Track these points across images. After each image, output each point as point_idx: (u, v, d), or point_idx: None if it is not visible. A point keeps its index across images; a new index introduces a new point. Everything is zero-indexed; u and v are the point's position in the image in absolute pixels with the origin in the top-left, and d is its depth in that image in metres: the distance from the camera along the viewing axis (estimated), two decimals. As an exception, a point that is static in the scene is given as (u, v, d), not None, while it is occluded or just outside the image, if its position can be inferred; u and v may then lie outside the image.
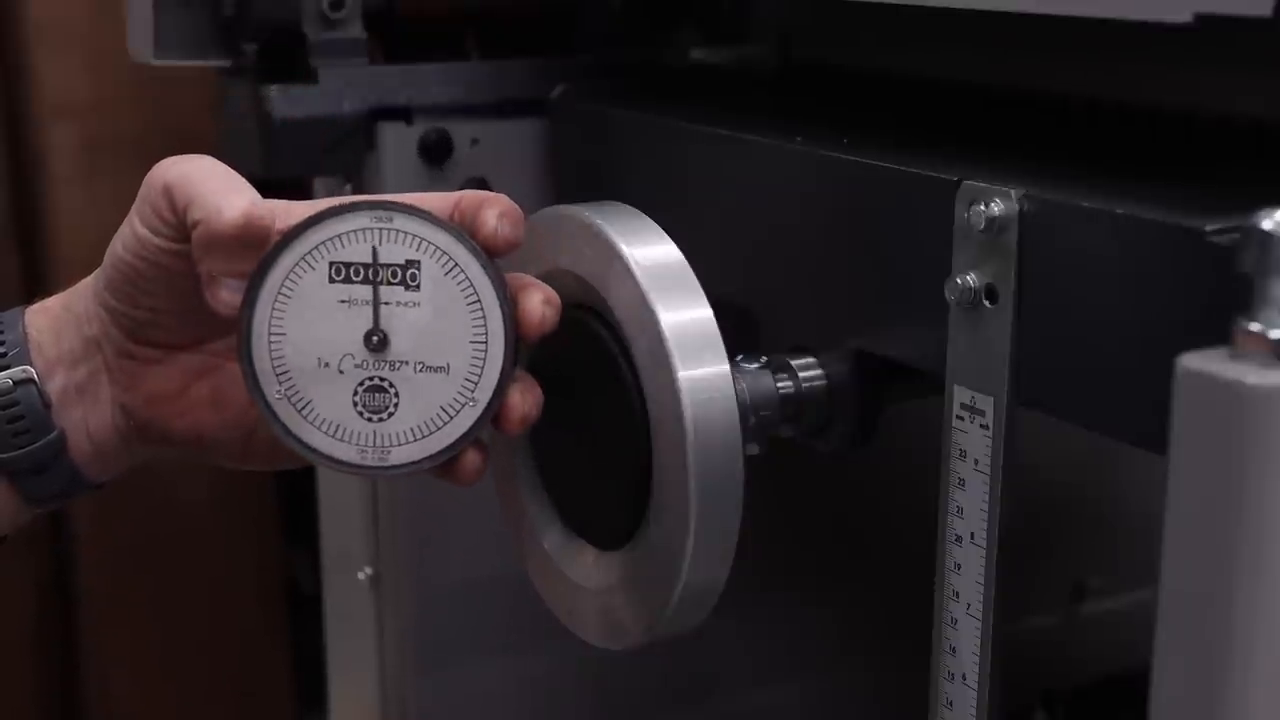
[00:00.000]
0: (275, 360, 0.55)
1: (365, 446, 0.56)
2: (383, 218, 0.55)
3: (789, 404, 0.66)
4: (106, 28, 1.15)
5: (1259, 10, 0.46)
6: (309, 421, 0.56)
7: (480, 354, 0.55)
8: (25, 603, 1.38)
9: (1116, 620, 1.10)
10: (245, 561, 1.41)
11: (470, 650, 0.93)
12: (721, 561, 0.58)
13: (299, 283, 0.55)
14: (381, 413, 0.56)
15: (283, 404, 0.56)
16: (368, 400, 0.56)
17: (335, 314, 0.55)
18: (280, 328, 0.55)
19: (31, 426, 0.59)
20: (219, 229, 0.54)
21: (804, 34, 0.91)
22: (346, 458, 0.56)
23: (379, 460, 0.56)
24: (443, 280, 0.55)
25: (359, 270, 0.55)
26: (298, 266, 0.55)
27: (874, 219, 0.63)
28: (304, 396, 0.56)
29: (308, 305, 0.55)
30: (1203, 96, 0.65)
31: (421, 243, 0.55)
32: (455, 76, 0.87)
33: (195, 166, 0.57)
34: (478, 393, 0.55)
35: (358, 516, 0.94)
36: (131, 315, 0.59)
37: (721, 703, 1.01)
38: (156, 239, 0.57)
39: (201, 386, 0.61)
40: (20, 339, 0.59)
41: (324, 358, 0.56)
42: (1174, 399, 0.43)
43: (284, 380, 0.56)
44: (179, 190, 0.56)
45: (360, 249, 0.55)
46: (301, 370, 0.56)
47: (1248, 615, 0.42)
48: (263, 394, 0.56)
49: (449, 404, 0.55)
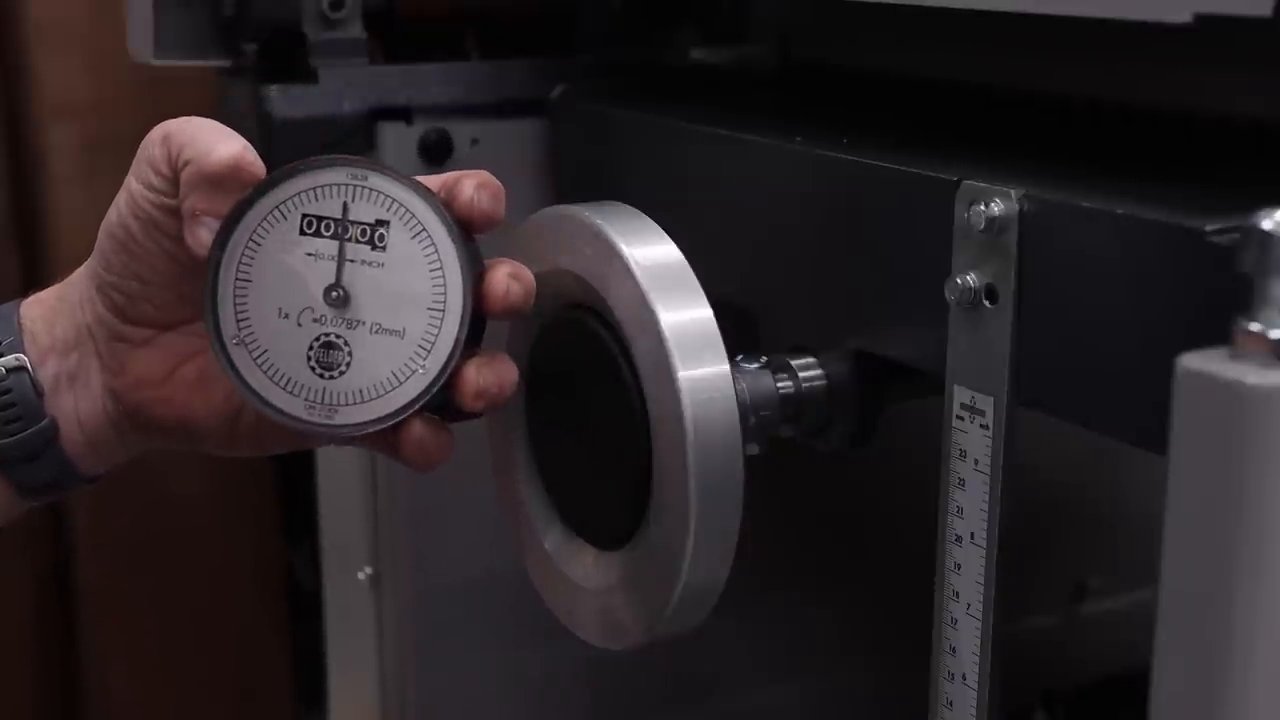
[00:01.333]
0: (238, 305, 0.55)
1: (313, 402, 0.55)
2: (358, 175, 0.55)
3: (789, 404, 0.66)
4: (106, 28, 1.15)
5: (1259, 10, 0.46)
6: (262, 370, 0.56)
7: (436, 322, 0.55)
8: (24, 599, 1.38)
9: (1116, 620, 1.10)
10: (245, 558, 1.40)
11: (470, 649, 0.93)
12: (721, 561, 0.58)
13: (270, 231, 0.55)
14: (333, 370, 0.55)
15: (239, 349, 0.56)
16: (321, 356, 0.55)
17: (301, 266, 0.55)
18: (247, 275, 0.55)
19: (24, 414, 0.59)
20: (207, 166, 0.55)
21: (804, 34, 0.91)
22: (293, 410, 0.56)
23: (325, 418, 0.55)
24: (409, 243, 0.55)
25: (329, 225, 0.55)
26: (271, 215, 0.55)
27: (874, 219, 0.63)
28: (260, 345, 0.56)
29: (276, 255, 0.55)
30: (1203, 96, 0.65)
31: (393, 204, 0.55)
32: (455, 76, 0.87)
33: (197, 120, 0.58)
34: (429, 361, 0.55)
35: (358, 515, 0.94)
36: (123, 288, 0.59)
37: (721, 703, 1.01)
38: (150, 194, 0.57)
39: (188, 370, 0.61)
40: (14, 329, 0.60)
41: (284, 308, 0.55)
42: (1174, 399, 0.43)
43: (243, 326, 0.55)
44: (176, 137, 0.56)
45: (332, 204, 0.55)
46: (261, 318, 0.55)
47: (1248, 615, 0.42)
48: (220, 336, 0.55)
49: (399, 369, 0.55)
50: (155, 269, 0.59)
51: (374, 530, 0.92)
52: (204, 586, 1.39)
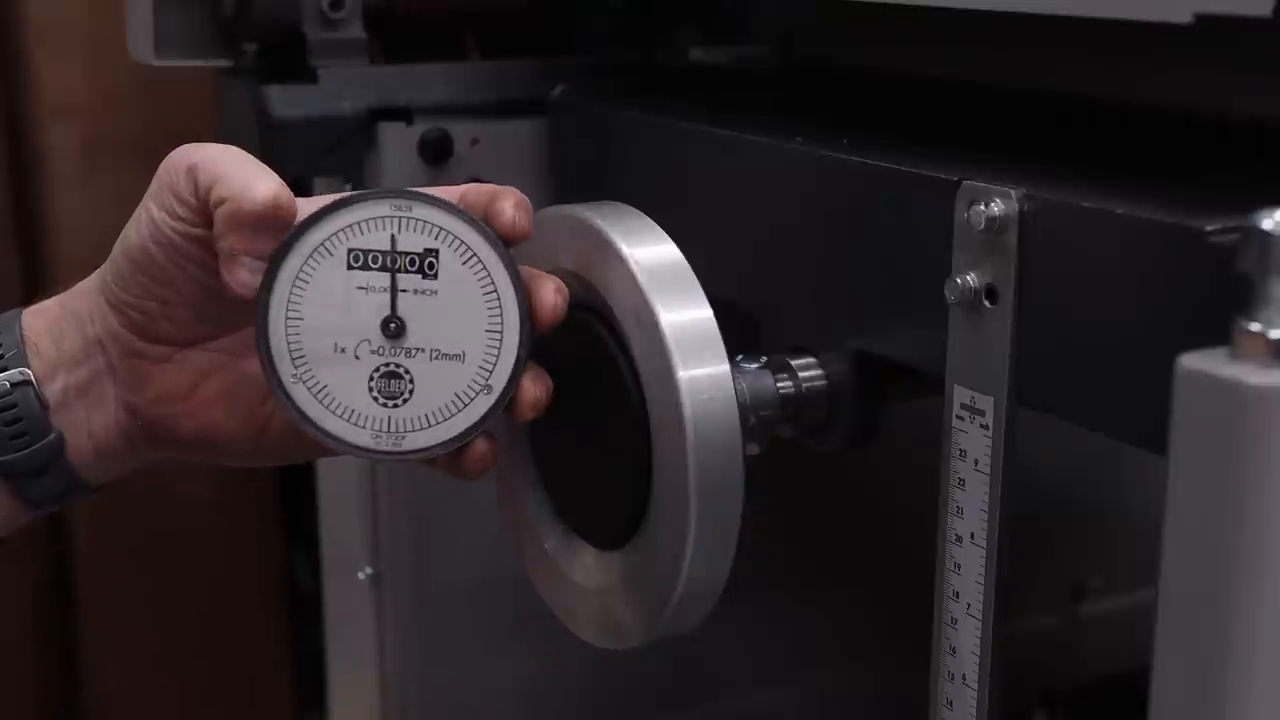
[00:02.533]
0: (292, 344, 0.56)
1: (380, 432, 0.57)
2: (402, 206, 0.56)
3: (789, 404, 0.66)
4: (106, 28, 1.15)
5: (1259, 10, 0.46)
6: (324, 406, 0.57)
7: (495, 342, 0.56)
8: (24, 603, 1.38)
9: (1116, 620, 1.10)
10: (245, 561, 1.40)
11: (470, 649, 0.93)
12: (721, 561, 0.58)
13: (317, 268, 0.56)
14: (396, 399, 0.56)
15: (298, 388, 0.56)
16: (383, 386, 0.56)
17: (352, 300, 0.56)
18: (298, 312, 0.56)
19: (29, 429, 0.59)
20: (247, 207, 0.55)
21: (804, 34, 0.91)
22: (361, 442, 0.57)
23: (393, 445, 0.57)
24: (460, 269, 0.56)
25: (377, 257, 0.56)
26: (316, 252, 0.56)
27: (874, 219, 0.63)
28: (319, 381, 0.56)
29: (325, 291, 0.56)
30: (1203, 96, 0.65)
31: (440, 232, 0.56)
32: (455, 76, 0.87)
33: (222, 150, 0.58)
34: (493, 380, 0.56)
35: (358, 516, 0.94)
36: (142, 309, 0.59)
37: (721, 703, 1.01)
38: (174, 221, 0.57)
39: (211, 385, 0.61)
40: (17, 341, 0.59)
41: (340, 343, 0.56)
42: (1174, 399, 0.43)
43: (300, 364, 0.56)
44: (205, 170, 0.56)
45: (379, 237, 0.56)
46: (317, 355, 0.56)
47: (1248, 615, 0.42)
48: (279, 377, 0.56)
49: (463, 391, 0.56)
50: (179, 292, 0.59)
51: (374, 530, 0.92)
52: (204, 587, 1.39)
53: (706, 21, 0.95)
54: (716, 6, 0.95)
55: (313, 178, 0.89)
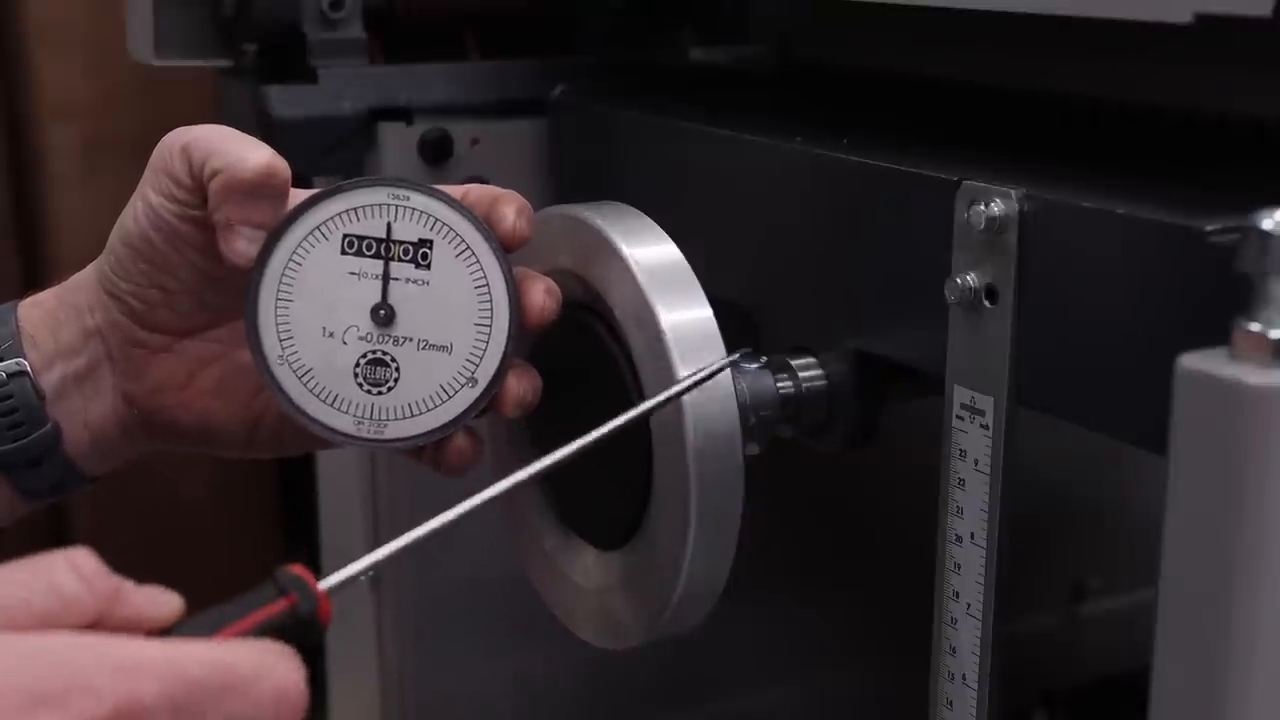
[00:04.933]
0: (280, 324, 0.56)
1: (362, 418, 0.57)
2: (400, 195, 0.56)
3: (789, 404, 0.66)
4: (106, 28, 1.15)
5: (1259, 10, 0.46)
6: (308, 388, 0.56)
7: (484, 336, 0.56)
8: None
9: (1116, 620, 1.10)
10: (246, 560, 1.40)
11: (470, 650, 0.93)
12: (721, 561, 0.58)
13: (312, 250, 0.56)
14: (381, 386, 0.56)
15: (283, 369, 0.56)
16: (369, 373, 0.56)
17: (344, 285, 0.56)
18: (289, 293, 0.56)
19: (26, 419, 0.59)
20: (241, 174, 0.55)
21: (804, 34, 0.91)
22: (342, 427, 0.57)
23: (374, 433, 0.57)
24: (453, 261, 0.56)
25: (371, 244, 0.56)
26: (312, 234, 0.56)
27: (874, 219, 0.63)
28: (305, 363, 0.56)
29: (318, 274, 0.56)
30: (1203, 96, 0.65)
31: (436, 223, 0.56)
32: (455, 76, 0.87)
33: (214, 128, 0.58)
34: (478, 374, 0.56)
35: (358, 515, 0.94)
36: (142, 297, 0.59)
37: (721, 703, 1.01)
38: (171, 204, 0.57)
39: (208, 375, 0.61)
40: (13, 332, 0.59)
41: (329, 327, 0.56)
42: (1174, 399, 0.43)
43: (287, 345, 0.56)
44: (198, 147, 0.56)
45: (375, 224, 0.56)
46: (306, 337, 0.56)
47: (1248, 615, 0.42)
48: (265, 356, 0.56)
49: (448, 383, 0.56)
50: (179, 279, 0.59)
51: (374, 530, 0.92)
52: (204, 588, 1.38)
53: (706, 22, 0.95)
54: (716, 7, 0.95)
55: (312, 177, 0.89)
